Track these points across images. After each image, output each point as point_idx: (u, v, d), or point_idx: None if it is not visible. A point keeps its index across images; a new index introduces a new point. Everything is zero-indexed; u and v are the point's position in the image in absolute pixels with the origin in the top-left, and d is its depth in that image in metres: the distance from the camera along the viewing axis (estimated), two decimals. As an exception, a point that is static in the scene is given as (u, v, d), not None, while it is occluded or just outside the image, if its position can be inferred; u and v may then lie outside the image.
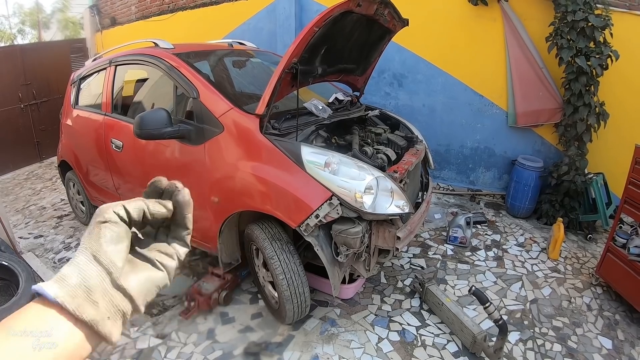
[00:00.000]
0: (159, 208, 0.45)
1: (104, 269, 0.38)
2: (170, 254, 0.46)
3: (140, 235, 0.47)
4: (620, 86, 3.37)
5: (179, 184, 0.48)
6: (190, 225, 0.48)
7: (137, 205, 0.43)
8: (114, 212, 0.41)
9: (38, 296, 0.36)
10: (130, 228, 0.43)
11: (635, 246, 2.36)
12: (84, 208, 3.69)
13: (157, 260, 0.45)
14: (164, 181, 0.49)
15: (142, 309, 0.42)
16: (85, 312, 0.36)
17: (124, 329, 0.41)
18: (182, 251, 0.48)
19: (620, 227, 2.61)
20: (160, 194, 0.48)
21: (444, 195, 4.20)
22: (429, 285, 2.39)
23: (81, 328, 0.36)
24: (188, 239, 0.48)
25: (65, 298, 0.35)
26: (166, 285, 0.45)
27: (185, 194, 0.47)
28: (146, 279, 0.42)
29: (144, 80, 2.96)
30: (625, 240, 2.45)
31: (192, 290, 2.38)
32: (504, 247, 3.14)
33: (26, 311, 0.36)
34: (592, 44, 3.15)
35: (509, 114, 3.80)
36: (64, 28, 18.44)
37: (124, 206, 0.42)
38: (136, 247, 0.45)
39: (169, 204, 0.47)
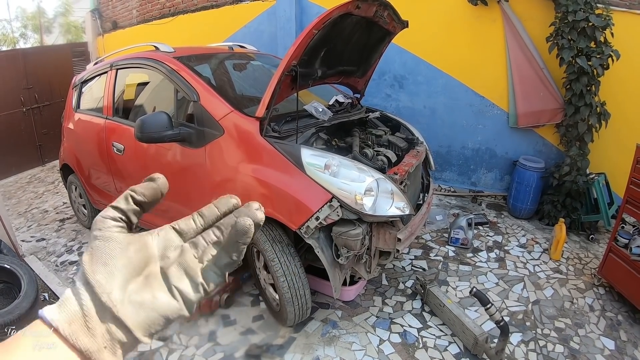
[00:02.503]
0: (188, 224, 0.40)
1: (95, 295, 0.34)
2: (197, 282, 0.38)
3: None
4: (622, 86, 3.36)
5: (256, 207, 0.40)
6: (240, 257, 0.40)
7: (147, 186, 0.39)
8: (110, 216, 0.37)
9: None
10: (139, 217, 0.39)
11: (638, 246, 2.35)
12: (86, 211, 3.70)
13: (176, 287, 0.37)
14: (238, 199, 0.42)
15: (146, 340, 0.36)
16: (80, 340, 0.33)
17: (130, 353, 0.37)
18: (213, 282, 0.39)
19: (622, 227, 2.59)
20: (230, 211, 0.41)
21: (445, 197, 4.20)
22: (431, 287, 2.38)
23: (78, 355, 0.33)
24: (228, 270, 0.40)
25: (61, 323, 0.33)
26: (181, 317, 0.37)
27: (249, 219, 0.38)
28: (152, 308, 0.36)
29: (145, 83, 2.98)
30: (627, 241, 2.44)
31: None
32: (505, 248, 3.13)
33: (28, 332, 0.34)
34: (593, 44, 3.15)
35: (510, 115, 3.80)
36: (66, 32, 18.52)
37: (129, 196, 0.38)
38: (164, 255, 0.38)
39: (199, 221, 0.40)
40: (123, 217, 0.38)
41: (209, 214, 0.41)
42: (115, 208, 0.38)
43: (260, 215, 0.40)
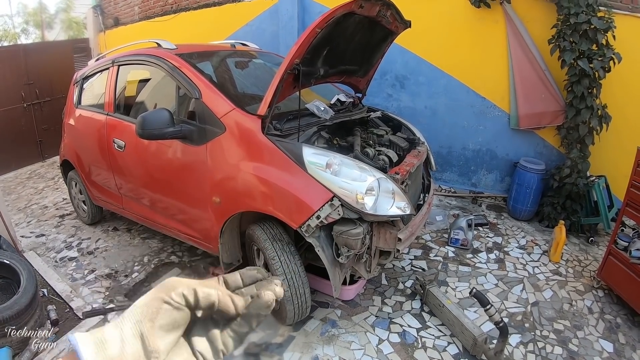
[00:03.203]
0: (228, 306, 0.41)
1: (147, 354, 0.36)
2: (217, 348, 0.41)
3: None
4: (623, 89, 3.36)
5: (277, 283, 0.44)
6: (258, 325, 0.43)
7: (209, 295, 0.39)
8: (184, 295, 0.38)
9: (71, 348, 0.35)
10: (193, 312, 0.40)
11: (637, 249, 2.35)
12: (85, 207, 3.70)
13: (199, 352, 0.40)
14: (264, 273, 0.45)
15: None
16: None
17: None
18: (232, 348, 0.42)
19: (622, 230, 2.60)
20: (253, 282, 0.44)
21: (446, 197, 4.20)
22: (430, 287, 2.38)
23: None
24: (245, 336, 0.43)
25: None
26: None
27: (272, 294, 0.42)
28: None
29: (147, 80, 2.97)
30: (627, 243, 2.44)
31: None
32: (505, 249, 3.13)
33: None
34: (594, 47, 3.15)
35: (511, 116, 3.79)
36: (67, 28, 18.49)
37: (195, 290, 0.39)
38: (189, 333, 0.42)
39: (240, 305, 0.42)
40: (191, 306, 0.39)
41: (233, 283, 0.43)
42: (196, 298, 0.39)
43: (281, 292, 0.44)
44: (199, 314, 0.40)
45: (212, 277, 0.43)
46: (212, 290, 0.40)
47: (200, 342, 0.41)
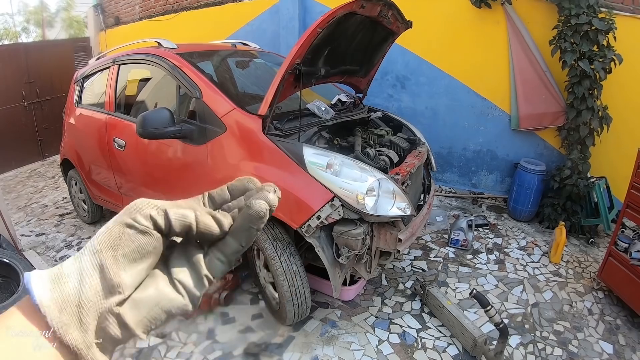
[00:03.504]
0: (210, 227, 0.34)
1: (107, 288, 0.30)
2: (201, 274, 0.35)
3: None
4: (624, 90, 3.36)
5: (270, 190, 0.36)
6: (249, 244, 0.36)
7: (184, 216, 0.33)
8: (151, 216, 0.32)
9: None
10: (167, 238, 0.34)
11: (637, 251, 2.35)
12: (85, 206, 3.70)
13: (178, 281, 0.34)
14: (257, 182, 0.38)
15: (143, 336, 0.33)
16: (70, 334, 0.28)
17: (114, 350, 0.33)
18: (219, 272, 0.35)
19: (622, 232, 2.60)
20: (242, 193, 0.38)
21: (446, 198, 4.20)
22: (430, 288, 2.38)
23: (61, 350, 0.29)
24: (235, 257, 0.36)
25: (50, 309, 0.28)
26: (185, 312, 0.34)
27: (264, 203, 0.35)
28: (155, 303, 0.33)
29: (147, 79, 2.97)
30: (627, 245, 2.44)
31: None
32: (505, 250, 3.13)
33: (19, 310, 0.30)
34: (595, 48, 3.15)
35: (511, 117, 3.79)
36: (68, 27, 18.49)
37: (165, 211, 0.32)
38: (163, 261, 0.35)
39: (226, 222, 0.35)
40: (162, 229, 0.33)
41: (219, 198, 0.37)
42: (166, 219, 0.33)
43: (275, 200, 0.36)
44: (178, 240, 0.34)
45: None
46: (186, 210, 0.33)
47: (180, 270, 0.34)
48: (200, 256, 0.35)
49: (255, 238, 0.38)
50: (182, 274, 0.34)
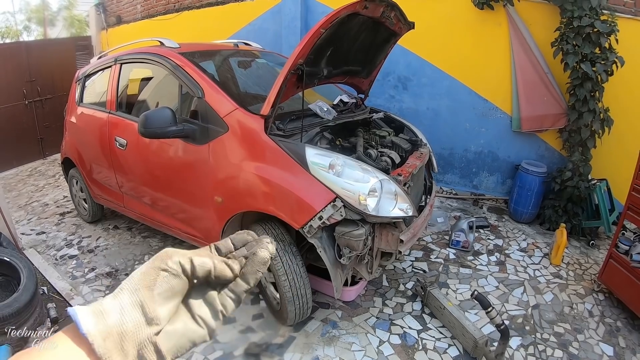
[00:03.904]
0: (225, 272, 0.42)
1: (147, 322, 0.37)
2: (217, 310, 0.42)
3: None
4: (625, 93, 3.36)
5: (268, 241, 0.45)
6: (255, 283, 0.44)
7: (204, 263, 0.40)
8: (180, 263, 0.39)
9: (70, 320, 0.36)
10: (191, 282, 0.41)
11: (638, 253, 2.35)
12: (86, 205, 3.70)
13: (199, 316, 0.41)
14: (254, 235, 0.46)
15: None
16: (113, 359, 0.34)
17: None
18: (231, 308, 0.43)
19: (623, 234, 2.60)
20: (243, 244, 0.45)
21: (447, 199, 4.20)
22: (431, 289, 2.38)
23: None
24: (244, 295, 0.44)
25: (96, 338, 0.34)
26: (204, 341, 0.42)
27: (267, 252, 0.44)
28: (182, 334, 0.40)
29: (149, 78, 2.97)
30: (627, 247, 2.44)
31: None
32: (506, 252, 3.13)
33: (56, 344, 0.35)
34: (597, 50, 3.15)
35: (513, 119, 3.80)
36: (69, 25, 18.50)
37: (191, 259, 0.40)
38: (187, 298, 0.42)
39: (236, 268, 0.43)
40: (188, 275, 0.40)
41: (224, 248, 0.44)
42: (192, 266, 0.40)
43: (273, 249, 0.45)
44: (195, 281, 0.41)
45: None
46: (206, 258, 0.41)
47: (199, 306, 0.42)
48: (215, 294, 0.43)
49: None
50: (201, 310, 0.42)
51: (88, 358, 0.34)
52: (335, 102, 2.72)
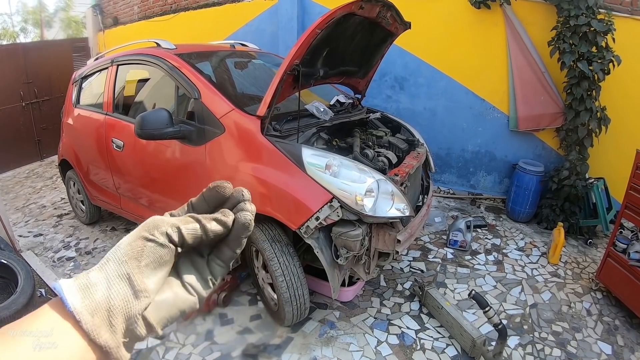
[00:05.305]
0: (216, 229, 0.40)
1: (135, 295, 0.35)
2: (205, 278, 0.41)
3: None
4: (622, 91, 3.37)
5: (246, 194, 0.43)
6: (240, 248, 0.42)
7: (193, 229, 0.39)
8: (167, 233, 0.37)
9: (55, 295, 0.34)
10: (180, 249, 0.39)
11: (636, 251, 2.35)
12: (84, 207, 3.69)
13: (189, 284, 0.40)
14: (228, 187, 0.43)
15: (160, 332, 0.38)
16: (102, 336, 0.33)
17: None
18: (220, 274, 0.42)
19: (621, 232, 2.60)
20: (222, 202, 0.43)
21: (445, 199, 4.20)
22: (429, 289, 2.38)
23: (93, 348, 0.33)
24: (231, 262, 0.43)
25: (83, 314, 0.32)
26: (194, 309, 0.41)
27: (249, 214, 0.41)
28: (172, 304, 0.39)
29: (146, 80, 2.97)
30: (625, 246, 2.44)
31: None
32: (504, 251, 3.13)
33: (39, 315, 0.34)
34: (594, 49, 3.15)
35: (510, 118, 3.80)
36: (66, 27, 18.46)
37: (179, 228, 0.38)
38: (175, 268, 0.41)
39: (230, 219, 0.41)
40: (176, 243, 0.38)
41: (199, 206, 0.43)
42: (180, 235, 0.38)
43: (254, 207, 0.42)
44: (181, 249, 0.40)
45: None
46: (194, 224, 0.39)
47: (188, 274, 0.41)
48: (204, 262, 0.42)
49: (254, 239, 0.47)
50: (191, 278, 0.41)
51: (75, 332, 0.32)
52: (331, 103, 2.73)
